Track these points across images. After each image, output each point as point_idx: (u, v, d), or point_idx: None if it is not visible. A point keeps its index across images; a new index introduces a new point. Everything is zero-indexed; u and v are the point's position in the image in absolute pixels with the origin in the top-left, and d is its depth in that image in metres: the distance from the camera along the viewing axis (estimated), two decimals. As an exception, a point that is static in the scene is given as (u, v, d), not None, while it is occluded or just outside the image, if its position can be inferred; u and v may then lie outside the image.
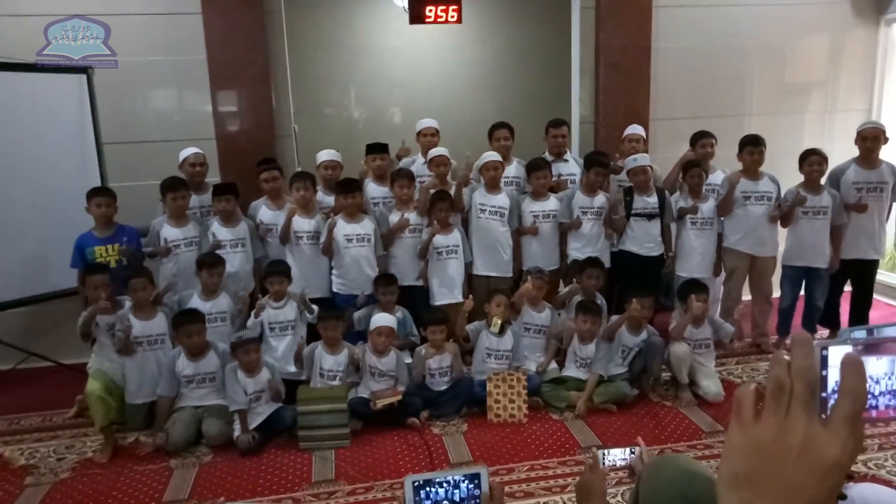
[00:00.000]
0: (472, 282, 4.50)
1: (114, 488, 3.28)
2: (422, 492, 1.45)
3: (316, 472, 3.37)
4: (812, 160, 4.42)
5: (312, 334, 4.09)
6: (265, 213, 4.43)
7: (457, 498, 1.46)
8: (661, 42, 5.34)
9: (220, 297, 4.01)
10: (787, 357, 0.57)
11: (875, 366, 0.61)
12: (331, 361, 3.89)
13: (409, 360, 4.07)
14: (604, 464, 1.70)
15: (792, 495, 0.52)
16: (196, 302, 3.95)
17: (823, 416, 0.54)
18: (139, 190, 4.59)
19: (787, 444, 0.53)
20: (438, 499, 1.45)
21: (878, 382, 0.62)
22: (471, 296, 4.26)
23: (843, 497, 0.88)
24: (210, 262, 3.95)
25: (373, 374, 3.87)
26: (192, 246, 4.24)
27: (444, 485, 1.46)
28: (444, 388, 3.98)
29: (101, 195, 4.09)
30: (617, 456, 1.69)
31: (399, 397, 3.79)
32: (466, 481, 1.46)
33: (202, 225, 4.31)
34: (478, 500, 1.45)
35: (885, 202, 4.47)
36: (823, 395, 0.56)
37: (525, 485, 3.17)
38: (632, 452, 1.68)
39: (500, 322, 4.00)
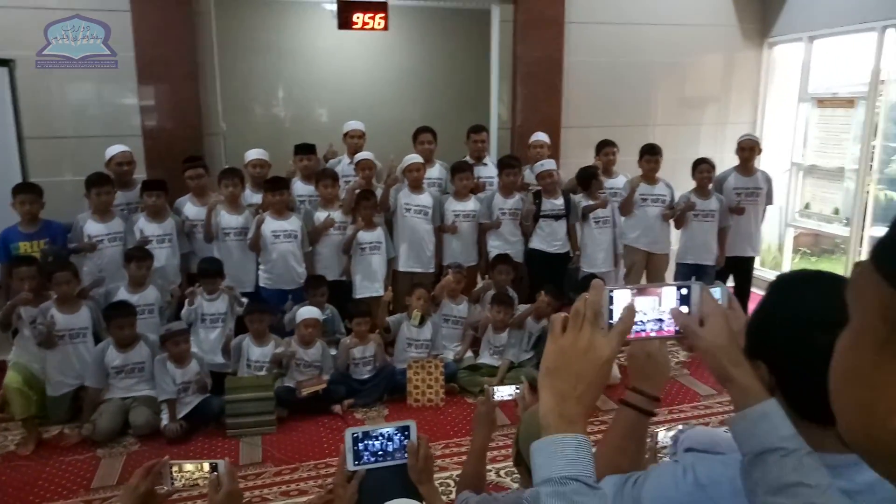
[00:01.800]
0: (396, 277, 4.77)
1: (39, 478, 3.35)
2: (360, 444, 1.68)
3: (243, 456, 3.55)
4: (702, 168, 4.94)
5: (240, 328, 4.24)
6: (190, 209, 4.54)
7: (390, 448, 1.70)
8: (573, 56, 5.77)
9: (148, 290, 4.11)
10: (586, 295, 0.87)
11: (645, 303, 0.93)
12: (258, 353, 4.06)
13: (334, 353, 4.29)
14: (494, 398, 2.06)
15: (579, 379, 0.83)
16: (123, 295, 4.02)
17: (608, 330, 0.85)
18: (62, 185, 4.60)
19: (578, 348, 0.84)
20: (374, 449, 1.70)
21: (646, 314, 0.94)
22: (390, 288, 4.53)
23: (654, 414, 1.20)
24: (139, 256, 4.04)
25: (298, 364, 4.07)
26: (116, 241, 4.30)
27: (380, 437, 1.70)
28: (367, 376, 4.23)
29: (26, 192, 4.09)
30: (505, 391, 2.08)
31: (324, 385, 4.00)
32: (398, 434, 1.71)
33: (128, 221, 4.38)
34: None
35: (759, 206, 5.07)
36: (610, 321, 0.87)
37: (440, 460, 3.46)
38: (517, 389, 2.04)
39: (419, 314, 4.29)
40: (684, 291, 0.92)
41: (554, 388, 0.82)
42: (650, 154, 4.98)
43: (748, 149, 4.96)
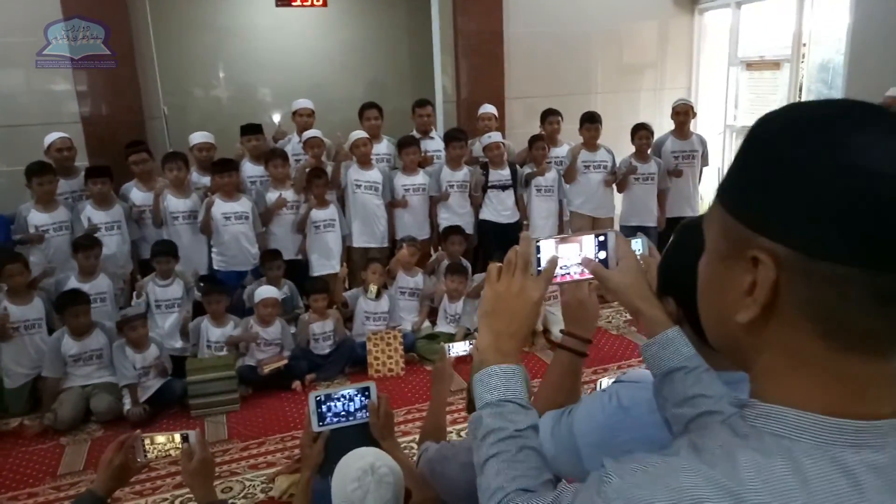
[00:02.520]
0: (351, 253, 4.85)
1: (3, 469, 3.34)
2: (323, 406, 1.79)
3: (209, 434, 3.60)
4: (641, 133, 5.15)
5: (198, 310, 4.27)
6: (137, 194, 4.49)
7: (352, 408, 1.82)
8: (513, 27, 5.86)
9: (99, 279, 4.08)
10: (517, 247, 0.99)
11: (568, 250, 1.06)
12: (217, 333, 4.10)
13: (294, 330, 4.36)
14: (450, 354, 2.21)
15: (513, 318, 0.95)
16: (74, 284, 3.98)
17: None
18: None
19: (511, 291, 0.96)
20: (337, 410, 1.81)
21: (570, 259, 1.06)
22: (344, 264, 4.62)
23: (586, 355, 1.34)
24: (85, 245, 4.00)
25: (258, 344, 4.13)
26: (62, 230, 4.23)
27: (342, 398, 1.81)
28: (327, 351, 4.32)
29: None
30: (460, 347, 2.24)
31: (285, 362, 4.08)
32: (359, 394, 1.82)
33: (73, 209, 4.31)
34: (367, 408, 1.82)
35: (696, 168, 5.33)
36: (539, 268, 1.00)
37: (402, 426, 3.60)
38: (471, 344, 2.20)
39: (376, 288, 4.39)
40: (602, 238, 1.05)
41: (491, 327, 0.95)
42: (590, 122, 5.15)
43: (683, 113, 5.19)
